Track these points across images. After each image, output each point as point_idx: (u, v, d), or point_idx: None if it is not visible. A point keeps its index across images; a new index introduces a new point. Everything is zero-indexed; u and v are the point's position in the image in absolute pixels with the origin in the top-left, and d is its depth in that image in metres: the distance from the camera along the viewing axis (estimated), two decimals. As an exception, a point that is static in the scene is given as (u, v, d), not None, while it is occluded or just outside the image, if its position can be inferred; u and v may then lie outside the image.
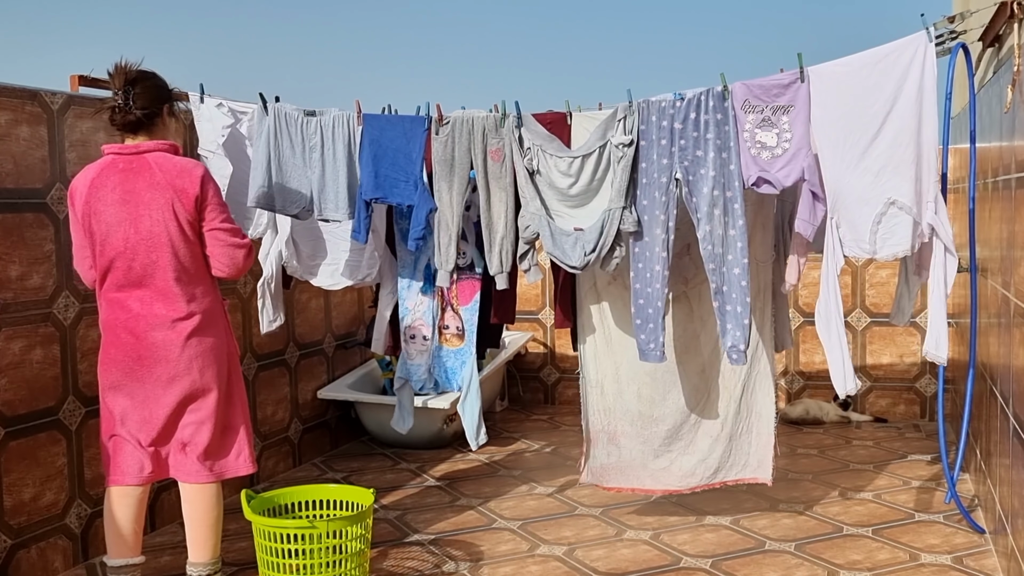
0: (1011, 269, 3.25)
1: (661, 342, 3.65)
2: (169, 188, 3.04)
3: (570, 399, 6.67)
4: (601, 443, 4.18)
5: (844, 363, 3.41)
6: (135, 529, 3.21)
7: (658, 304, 3.61)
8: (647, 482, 4.18)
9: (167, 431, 3.16)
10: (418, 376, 4.32)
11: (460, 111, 3.85)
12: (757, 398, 4.07)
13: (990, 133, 3.75)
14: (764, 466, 4.08)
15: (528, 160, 3.69)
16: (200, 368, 3.12)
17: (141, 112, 3.09)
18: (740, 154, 3.43)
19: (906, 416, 6.04)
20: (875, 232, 3.31)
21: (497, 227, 3.82)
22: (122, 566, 3.19)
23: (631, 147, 3.57)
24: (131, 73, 3.13)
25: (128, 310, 3.08)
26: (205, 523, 3.22)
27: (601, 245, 3.62)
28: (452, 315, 4.30)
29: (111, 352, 3.13)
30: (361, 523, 3.25)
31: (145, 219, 3.04)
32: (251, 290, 4.74)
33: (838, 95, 3.32)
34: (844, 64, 3.33)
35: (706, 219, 3.49)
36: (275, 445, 5.00)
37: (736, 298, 3.51)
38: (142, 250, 3.05)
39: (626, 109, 3.59)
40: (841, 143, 3.31)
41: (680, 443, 4.14)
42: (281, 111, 3.96)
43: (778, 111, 3.39)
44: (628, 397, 4.14)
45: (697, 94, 3.49)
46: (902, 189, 3.26)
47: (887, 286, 5.98)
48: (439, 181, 3.83)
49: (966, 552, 3.68)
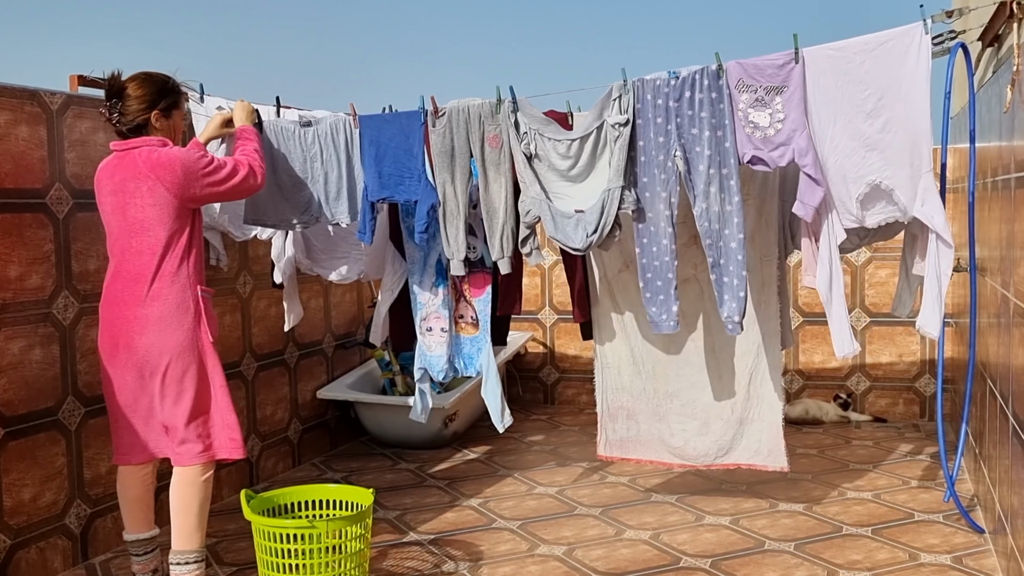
0: (1010, 269, 3.25)
1: (674, 311, 3.65)
2: (150, 178, 3.19)
3: (569, 399, 6.67)
4: (620, 418, 4.37)
5: (843, 327, 3.48)
6: (143, 506, 3.40)
7: (668, 276, 3.62)
8: (665, 456, 4.35)
9: (151, 411, 3.27)
10: (440, 367, 4.32)
11: (455, 101, 3.84)
12: (766, 389, 4.16)
13: (989, 133, 3.75)
14: (776, 455, 4.16)
15: (525, 144, 3.69)
16: (173, 351, 3.22)
17: (126, 127, 3.27)
18: (735, 132, 3.44)
19: (905, 416, 6.04)
20: (859, 206, 3.38)
21: (498, 213, 3.82)
22: (135, 540, 3.39)
23: (627, 126, 3.56)
24: (116, 86, 3.27)
25: (112, 294, 3.26)
26: (183, 508, 3.27)
27: (602, 226, 3.61)
28: (466, 305, 4.31)
29: (100, 338, 3.31)
30: (361, 523, 3.25)
31: (131, 207, 3.21)
32: (251, 290, 4.75)
33: (832, 78, 3.33)
34: (839, 48, 3.33)
35: (702, 196, 3.50)
36: (274, 445, 5.00)
37: (733, 271, 3.52)
38: (126, 236, 3.23)
39: (621, 88, 3.58)
40: (830, 125, 3.34)
41: (694, 423, 4.27)
42: (277, 126, 3.97)
43: (771, 91, 3.40)
44: (644, 376, 4.32)
45: (692, 72, 3.49)
46: (886, 172, 3.32)
47: (887, 286, 5.98)
48: (441, 173, 3.83)
49: (965, 552, 3.68)
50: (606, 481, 4.76)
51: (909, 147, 3.28)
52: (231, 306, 4.62)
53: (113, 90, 3.26)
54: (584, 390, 6.61)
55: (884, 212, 3.40)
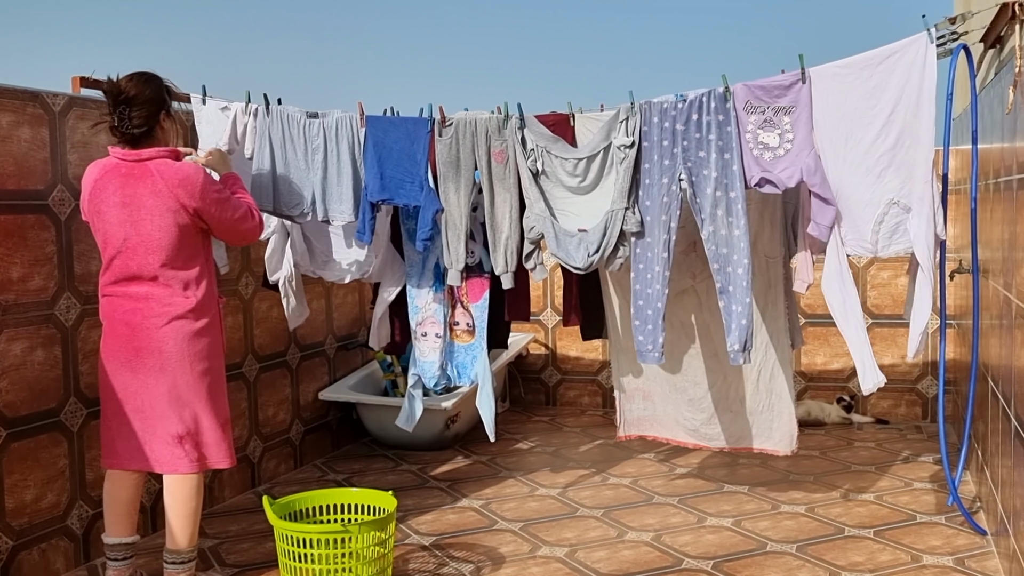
0: (1013, 270, 3.25)
1: (660, 343, 3.68)
2: (171, 197, 3.16)
3: (571, 400, 6.67)
4: (637, 399, 4.47)
5: (863, 355, 3.46)
6: (131, 509, 3.36)
7: (657, 305, 3.63)
8: (681, 435, 4.46)
9: (157, 420, 3.24)
10: (431, 373, 4.32)
11: (463, 112, 3.85)
12: (776, 383, 4.22)
13: (992, 134, 3.75)
14: (786, 439, 4.25)
15: (532, 161, 3.70)
16: (190, 362, 3.22)
17: (138, 131, 3.21)
18: (742, 155, 3.44)
19: (908, 418, 6.04)
20: (877, 232, 3.34)
21: (502, 228, 3.83)
22: (116, 544, 3.34)
23: (633, 148, 3.58)
24: (124, 91, 3.20)
25: (125, 304, 3.21)
26: (184, 513, 3.29)
27: (604, 246, 3.63)
28: (462, 312, 4.31)
29: (109, 343, 3.26)
30: (385, 528, 3.27)
31: (146, 222, 3.16)
32: (253, 291, 4.75)
33: (839, 96, 3.33)
34: (845, 65, 3.33)
35: (709, 219, 3.51)
36: (276, 447, 5.00)
37: (739, 298, 3.53)
38: (141, 251, 3.17)
39: (628, 111, 3.59)
40: (843, 144, 3.33)
41: (703, 415, 4.38)
42: (283, 112, 3.98)
43: (780, 112, 3.40)
44: (656, 367, 4.36)
45: (699, 95, 3.50)
46: (904, 190, 3.28)
47: (889, 287, 5.98)
48: (445, 182, 3.83)
49: (968, 554, 3.67)
50: (608, 483, 4.75)
51: (922, 161, 3.27)
52: (233, 307, 4.62)
53: (120, 97, 3.19)
54: (586, 392, 6.61)
55: (901, 243, 3.35)
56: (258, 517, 4.28)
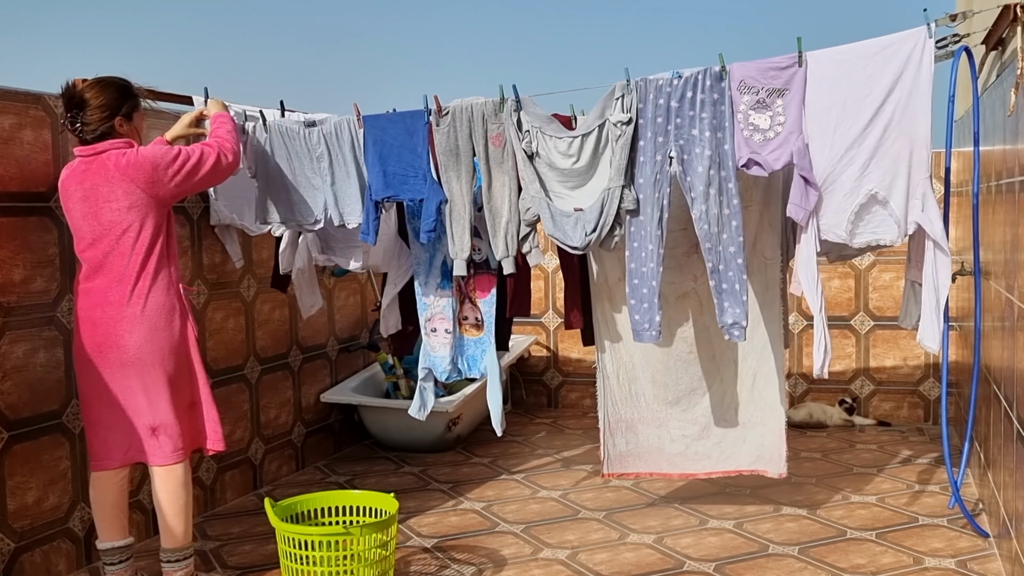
0: (1015, 272, 3.25)
1: (657, 321, 3.64)
2: (123, 179, 3.19)
3: (573, 402, 6.67)
4: (620, 432, 4.30)
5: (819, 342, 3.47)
6: (120, 512, 3.37)
7: (652, 284, 3.61)
8: (664, 466, 4.29)
9: (131, 414, 3.26)
10: (443, 367, 4.32)
11: (458, 100, 3.84)
12: (768, 393, 4.12)
13: (993, 136, 3.75)
14: (776, 460, 4.12)
15: (527, 143, 3.69)
16: (165, 350, 3.24)
17: (91, 136, 3.25)
18: (734, 135, 3.43)
19: (909, 420, 6.03)
20: (852, 221, 3.36)
21: (501, 212, 3.82)
22: (111, 548, 3.34)
23: (630, 125, 3.56)
24: (77, 96, 3.24)
25: (90, 298, 3.24)
26: (171, 507, 3.30)
27: (601, 225, 3.61)
28: (471, 307, 4.31)
29: (78, 340, 3.28)
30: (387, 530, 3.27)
31: (104, 212, 3.20)
32: (255, 294, 4.75)
33: (834, 82, 3.33)
34: (842, 52, 3.33)
35: (701, 199, 3.49)
36: (278, 448, 5.00)
37: (733, 276, 3.52)
38: (103, 240, 3.22)
39: (624, 88, 3.58)
40: (831, 131, 3.33)
41: (695, 427, 4.23)
42: (282, 126, 3.98)
43: (773, 94, 3.39)
44: (643, 383, 4.26)
45: (695, 73, 3.49)
46: (884, 182, 3.30)
47: (890, 289, 5.98)
48: (446, 172, 3.83)
49: (970, 556, 3.67)
50: (610, 485, 4.75)
51: (907, 155, 3.28)
52: (235, 309, 4.63)
53: (73, 101, 3.23)
54: (588, 394, 6.60)
55: (874, 233, 3.39)
56: (260, 519, 4.28)
